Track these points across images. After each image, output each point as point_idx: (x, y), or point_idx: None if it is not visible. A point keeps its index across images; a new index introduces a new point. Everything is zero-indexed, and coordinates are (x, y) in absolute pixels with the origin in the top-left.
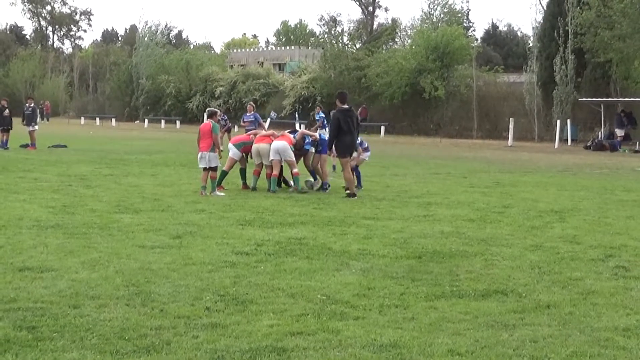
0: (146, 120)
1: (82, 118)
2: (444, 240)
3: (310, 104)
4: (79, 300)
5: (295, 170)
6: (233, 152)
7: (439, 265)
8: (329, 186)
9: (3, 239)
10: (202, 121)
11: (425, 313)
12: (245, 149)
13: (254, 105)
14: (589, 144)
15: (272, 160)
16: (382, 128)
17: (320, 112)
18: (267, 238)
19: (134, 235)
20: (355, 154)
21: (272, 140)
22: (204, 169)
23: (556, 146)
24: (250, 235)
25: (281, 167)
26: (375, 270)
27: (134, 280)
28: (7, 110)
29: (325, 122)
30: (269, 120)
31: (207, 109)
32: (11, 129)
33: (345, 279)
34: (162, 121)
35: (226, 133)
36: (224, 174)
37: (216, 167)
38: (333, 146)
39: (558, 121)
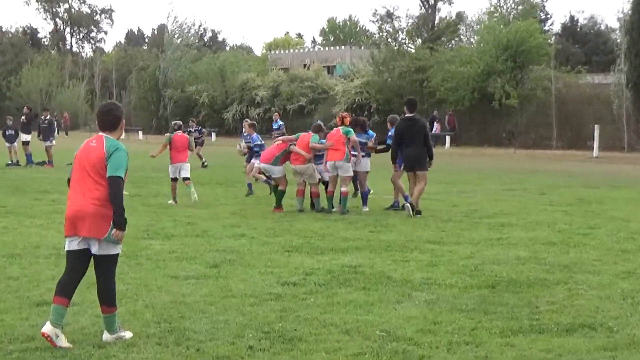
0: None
1: None
2: (520, 266)
3: (365, 112)
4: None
5: (344, 189)
6: (278, 170)
7: (516, 296)
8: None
9: (18, 269)
10: (241, 132)
11: (501, 351)
12: (283, 159)
13: (279, 114)
14: None
15: (329, 176)
16: (448, 138)
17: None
18: (317, 266)
19: (165, 265)
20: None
21: (306, 159)
22: (175, 179)
23: None
24: (297, 263)
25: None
26: (442, 302)
27: (166, 316)
28: (23, 117)
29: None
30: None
31: (174, 122)
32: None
33: (408, 312)
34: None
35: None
36: (283, 193)
37: (188, 177)
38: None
39: None
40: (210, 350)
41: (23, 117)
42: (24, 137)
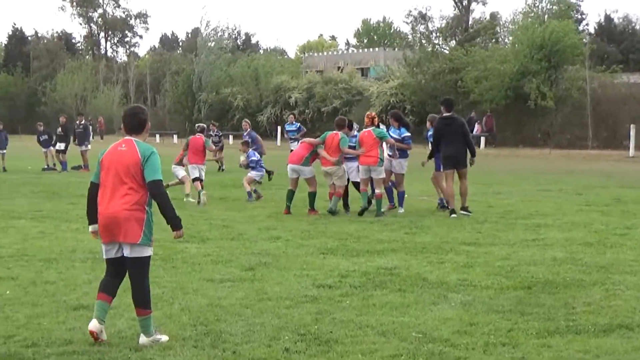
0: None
1: None
2: (557, 267)
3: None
4: None
5: (378, 191)
6: (308, 170)
7: (552, 297)
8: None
9: (55, 273)
10: (275, 135)
11: (538, 352)
12: (312, 158)
13: (295, 115)
14: None
15: (362, 178)
16: (482, 139)
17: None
18: (352, 268)
19: (201, 268)
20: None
21: (335, 162)
22: (196, 179)
23: None
24: (333, 266)
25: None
26: (478, 303)
27: (202, 319)
28: (59, 129)
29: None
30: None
31: (198, 125)
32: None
33: (444, 313)
34: (230, 136)
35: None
36: (314, 195)
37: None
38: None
39: None
40: (246, 353)
41: (59, 129)
42: (59, 145)
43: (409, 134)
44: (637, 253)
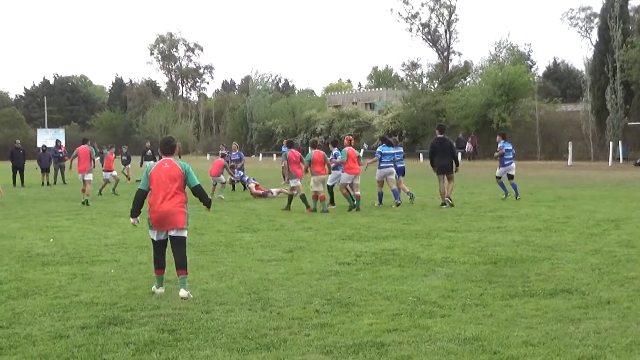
0: (260, 155)
1: (208, 155)
2: (515, 247)
3: (397, 136)
4: (209, 307)
5: (358, 192)
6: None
7: (512, 269)
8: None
9: (146, 257)
10: (306, 153)
11: (502, 310)
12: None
13: (286, 141)
14: (638, 162)
15: (347, 184)
16: (459, 154)
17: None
18: (365, 250)
19: (253, 251)
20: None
21: (326, 171)
22: (215, 184)
23: (610, 164)
24: (350, 248)
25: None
26: (458, 275)
27: (255, 289)
28: (149, 151)
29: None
30: (362, 151)
31: (220, 151)
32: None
33: (432, 283)
34: (274, 155)
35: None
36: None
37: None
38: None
39: (610, 143)
40: (287, 314)
41: (149, 151)
42: (146, 163)
43: (379, 150)
44: (574, 236)
